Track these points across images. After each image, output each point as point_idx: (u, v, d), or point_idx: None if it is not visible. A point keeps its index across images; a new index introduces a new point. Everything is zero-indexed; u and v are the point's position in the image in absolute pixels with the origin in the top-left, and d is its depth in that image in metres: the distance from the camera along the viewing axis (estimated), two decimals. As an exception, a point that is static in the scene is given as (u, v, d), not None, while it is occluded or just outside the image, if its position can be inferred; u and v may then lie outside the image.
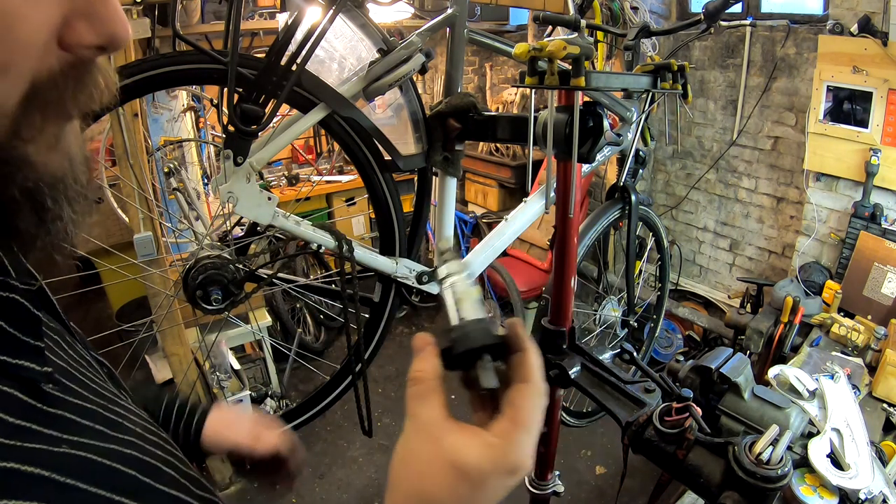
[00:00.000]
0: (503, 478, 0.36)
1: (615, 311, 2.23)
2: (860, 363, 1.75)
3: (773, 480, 0.67)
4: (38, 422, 0.31)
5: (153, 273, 1.78)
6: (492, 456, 0.36)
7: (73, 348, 0.42)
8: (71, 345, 0.42)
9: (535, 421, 0.38)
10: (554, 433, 1.16)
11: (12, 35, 0.27)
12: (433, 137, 1.26)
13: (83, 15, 0.29)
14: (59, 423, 0.32)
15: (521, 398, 0.38)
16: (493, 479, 0.36)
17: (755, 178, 2.72)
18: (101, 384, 0.41)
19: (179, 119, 2.60)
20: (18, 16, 0.27)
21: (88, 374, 0.40)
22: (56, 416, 0.32)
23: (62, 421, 0.33)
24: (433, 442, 0.37)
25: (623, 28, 2.51)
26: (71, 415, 0.34)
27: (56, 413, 0.33)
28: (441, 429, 0.38)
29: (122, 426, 0.38)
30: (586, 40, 0.82)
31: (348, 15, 1.11)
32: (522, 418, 0.37)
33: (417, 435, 0.38)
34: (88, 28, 0.30)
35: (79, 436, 0.33)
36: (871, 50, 2.00)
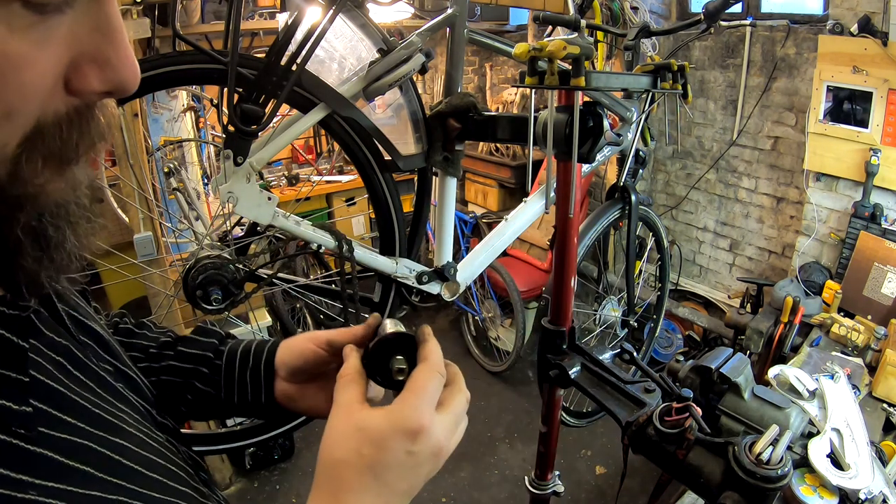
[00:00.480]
0: (404, 439, 0.41)
1: (615, 311, 2.23)
2: (860, 363, 1.75)
3: (773, 480, 0.67)
4: (8, 465, 0.28)
5: (153, 273, 1.78)
6: (391, 418, 0.41)
7: (82, 364, 0.39)
8: (81, 361, 0.39)
9: (428, 389, 0.44)
10: (554, 433, 1.16)
11: (18, 79, 0.25)
12: (433, 137, 1.26)
13: (92, 59, 0.28)
14: (37, 465, 0.29)
15: (419, 373, 0.45)
16: (394, 441, 0.41)
17: (755, 178, 2.72)
18: (107, 407, 0.38)
19: (179, 119, 2.60)
20: (26, 59, 0.25)
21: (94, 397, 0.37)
22: (35, 456, 0.29)
23: (41, 462, 0.30)
24: (346, 417, 0.43)
25: (623, 28, 2.51)
26: (55, 454, 0.31)
27: (37, 452, 0.29)
28: (354, 407, 0.43)
29: (116, 464, 0.35)
30: (586, 40, 0.82)
31: (348, 15, 1.11)
32: (417, 387, 0.44)
33: (336, 414, 0.44)
34: (97, 73, 0.28)
35: (55, 481, 0.30)
36: (871, 50, 2.00)
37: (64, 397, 0.34)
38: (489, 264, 1.51)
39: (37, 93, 0.27)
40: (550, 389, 1.10)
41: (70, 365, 0.37)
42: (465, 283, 1.43)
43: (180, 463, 0.42)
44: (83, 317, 0.44)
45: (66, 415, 0.33)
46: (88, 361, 0.40)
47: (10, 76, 0.25)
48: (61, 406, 0.33)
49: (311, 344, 0.56)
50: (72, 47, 0.27)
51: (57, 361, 0.36)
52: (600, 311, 2.27)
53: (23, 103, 0.26)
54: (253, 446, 1.73)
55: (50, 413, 0.32)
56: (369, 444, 0.40)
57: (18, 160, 0.27)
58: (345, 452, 0.41)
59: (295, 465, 2.58)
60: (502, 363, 3.11)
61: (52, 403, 0.33)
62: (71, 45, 0.27)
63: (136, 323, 0.63)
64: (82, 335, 0.42)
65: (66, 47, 0.27)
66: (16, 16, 0.24)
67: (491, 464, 2.59)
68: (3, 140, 0.26)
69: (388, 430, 0.41)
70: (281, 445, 2.56)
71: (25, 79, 0.26)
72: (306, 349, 0.56)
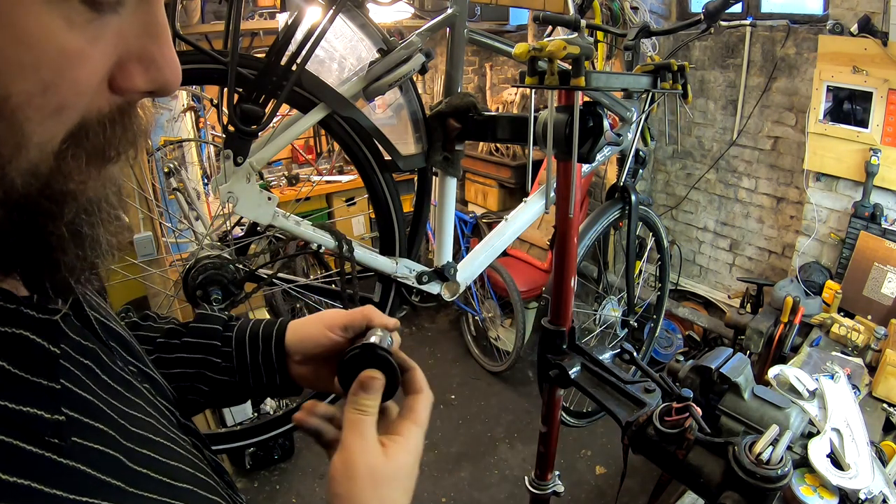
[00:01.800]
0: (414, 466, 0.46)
1: (615, 311, 2.23)
2: (860, 363, 1.75)
3: (773, 480, 0.67)
4: (40, 479, 0.27)
5: (153, 273, 1.78)
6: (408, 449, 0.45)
7: (110, 369, 0.38)
8: (108, 365, 0.38)
9: (425, 421, 0.48)
10: (554, 433, 1.16)
11: (73, 74, 0.26)
12: (433, 137, 1.26)
13: (137, 59, 0.29)
14: (69, 480, 0.29)
15: (418, 403, 0.48)
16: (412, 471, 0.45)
17: (755, 178, 2.72)
18: (135, 414, 0.37)
19: (179, 119, 2.60)
20: (82, 55, 0.26)
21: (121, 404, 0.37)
22: (68, 469, 0.29)
23: (74, 476, 0.29)
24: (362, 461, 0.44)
25: (623, 28, 2.51)
26: (87, 468, 0.30)
27: (69, 466, 0.29)
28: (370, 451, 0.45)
29: (146, 478, 0.34)
30: (586, 40, 0.82)
31: (348, 15, 1.11)
32: (421, 419, 0.48)
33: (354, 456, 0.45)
34: (142, 73, 0.29)
35: (89, 496, 0.29)
36: (871, 50, 2.00)
37: (94, 406, 0.34)
38: (489, 264, 1.51)
39: (88, 89, 0.27)
40: (550, 389, 1.10)
41: (99, 370, 0.36)
42: (465, 283, 1.43)
43: (207, 469, 0.42)
44: (105, 318, 0.43)
45: (98, 422, 0.33)
46: (115, 366, 0.39)
47: (67, 71, 0.26)
48: (93, 414, 0.33)
49: (327, 331, 0.55)
50: (119, 46, 0.28)
51: (86, 366, 0.35)
52: (600, 311, 2.27)
53: (75, 99, 0.27)
54: (253, 446, 1.73)
55: (81, 421, 0.32)
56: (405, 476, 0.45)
57: (64, 156, 0.28)
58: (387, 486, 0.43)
59: (295, 465, 2.58)
60: (502, 363, 3.11)
61: (84, 412, 0.32)
62: (118, 44, 0.28)
63: (140, 315, 0.63)
64: (107, 338, 0.41)
65: (114, 46, 0.28)
66: (75, 11, 0.25)
67: (491, 464, 2.59)
68: (50, 134, 0.27)
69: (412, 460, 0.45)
70: (281, 445, 2.56)
71: (79, 75, 0.26)
72: (322, 336, 0.56)
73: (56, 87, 0.26)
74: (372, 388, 0.46)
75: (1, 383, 0.28)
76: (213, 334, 0.60)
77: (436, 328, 3.69)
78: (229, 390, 0.59)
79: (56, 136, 0.27)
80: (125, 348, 0.44)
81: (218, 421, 2.52)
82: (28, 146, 0.26)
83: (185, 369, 0.58)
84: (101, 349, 0.38)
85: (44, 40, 0.25)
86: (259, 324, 0.60)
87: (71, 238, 0.30)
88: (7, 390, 0.28)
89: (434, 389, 0.50)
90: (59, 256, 0.30)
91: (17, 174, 0.26)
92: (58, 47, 0.25)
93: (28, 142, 0.26)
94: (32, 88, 0.25)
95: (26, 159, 0.26)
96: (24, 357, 0.30)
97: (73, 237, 0.30)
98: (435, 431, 2.76)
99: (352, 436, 0.44)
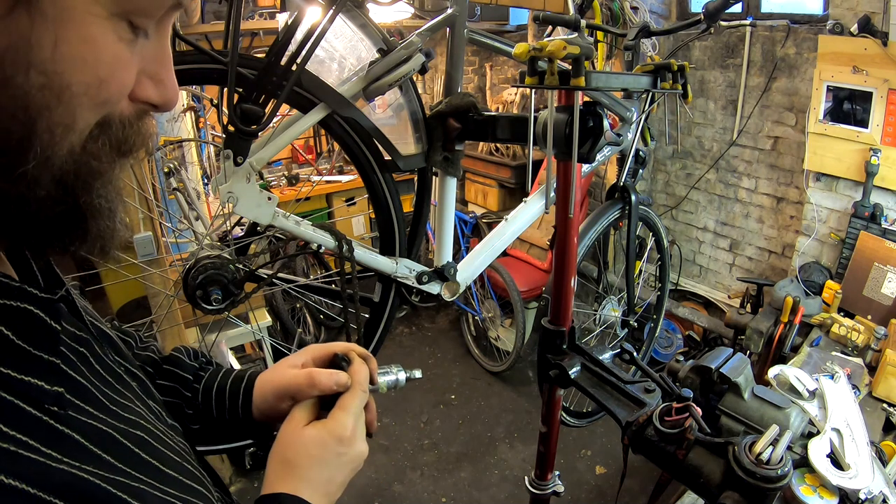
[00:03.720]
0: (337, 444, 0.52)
1: (615, 311, 2.23)
2: (860, 363, 1.75)
3: (773, 480, 0.67)
4: (38, 438, 0.30)
5: (153, 273, 1.78)
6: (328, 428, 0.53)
7: (102, 360, 0.41)
8: (100, 356, 0.41)
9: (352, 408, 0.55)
10: (554, 433, 1.16)
11: (119, 76, 0.33)
12: (433, 137, 1.26)
13: (151, 76, 0.36)
14: (64, 445, 0.31)
15: (347, 395, 0.56)
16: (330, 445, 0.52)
17: (755, 178, 2.72)
18: (126, 403, 0.40)
19: (179, 119, 2.60)
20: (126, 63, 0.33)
21: (113, 392, 0.39)
22: (63, 435, 0.32)
23: (68, 442, 0.32)
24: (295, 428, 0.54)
25: (623, 28, 2.51)
26: (80, 437, 0.33)
27: (63, 432, 0.32)
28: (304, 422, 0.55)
29: (137, 457, 0.37)
30: (586, 40, 0.82)
31: (348, 15, 1.11)
32: (345, 405, 0.55)
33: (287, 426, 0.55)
34: (153, 87, 0.36)
35: (82, 462, 0.32)
36: (871, 50, 2.00)
37: (86, 389, 0.37)
38: (489, 264, 1.51)
39: (123, 91, 0.34)
40: (550, 389, 1.10)
41: (92, 358, 0.40)
42: (465, 283, 1.43)
43: (194, 463, 0.44)
44: (94, 319, 0.46)
45: (90, 406, 0.36)
46: (106, 357, 0.42)
47: (116, 72, 0.32)
48: (85, 397, 0.36)
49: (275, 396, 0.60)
50: (140, 64, 0.34)
51: (80, 352, 0.38)
52: (600, 311, 2.27)
53: (116, 96, 0.33)
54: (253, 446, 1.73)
55: (75, 402, 0.34)
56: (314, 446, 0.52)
57: (95, 139, 0.33)
58: (294, 453, 0.51)
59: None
60: (502, 363, 3.11)
61: (77, 392, 0.35)
62: (140, 62, 0.34)
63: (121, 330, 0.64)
64: (98, 334, 0.44)
65: (137, 63, 0.34)
66: (123, 29, 0.32)
67: (491, 464, 2.59)
68: (88, 122, 0.32)
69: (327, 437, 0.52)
70: (281, 445, 2.56)
71: (123, 78, 0.33)
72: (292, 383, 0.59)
73: (107, 84, 0.32)
74: None
75: (4, 353, 0.31)
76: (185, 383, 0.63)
77: (436, 328, 3.69)
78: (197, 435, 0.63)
79: (90, 124, 0.33)
80: (113, 347, 0.46)
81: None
82: (75, 129, 0.31)
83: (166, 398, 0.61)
84: (94, 340, 0.41)
85: (102, 44, 0.31)
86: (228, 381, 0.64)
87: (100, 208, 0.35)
88: (10, 360, 0.31)
89: (434, 389, 0.51)
90: (90, 226, 0.35)
91: (63, 152, 0.31)
92: (112, 53, 0.31)
93: (76, 125, 0.31)
94: (90, 81, 0.31)
95: (70, 140, 0.31)
96: (28, 330, 0.33)
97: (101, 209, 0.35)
98: (435, 431, 2.76)
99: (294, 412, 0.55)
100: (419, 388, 3.06)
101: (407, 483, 2.49)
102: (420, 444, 2.68)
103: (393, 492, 2.44)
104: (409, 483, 2.49)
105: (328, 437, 0.52)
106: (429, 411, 2.89)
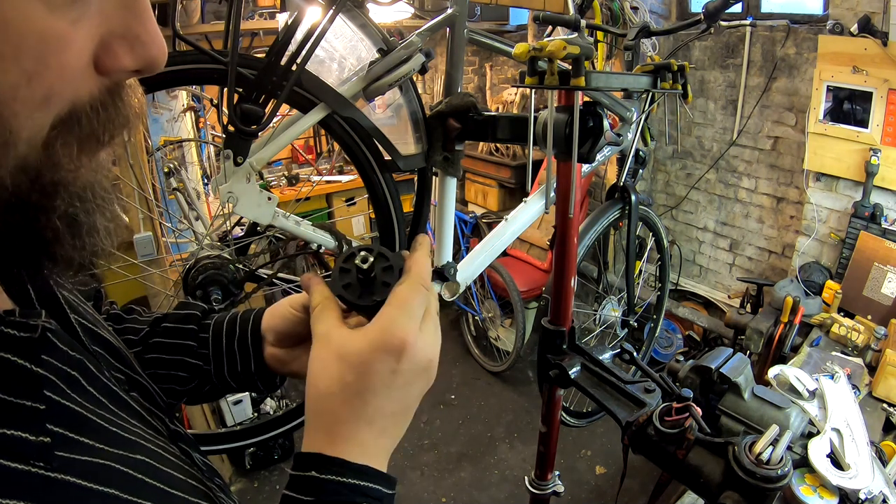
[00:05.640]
0: (387, 358, 0.39)
1: (615, 311, 2.23)
2: (860, 363, 1.75)
3: (773, 480, 0.67)
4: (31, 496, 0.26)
5: (153, 273, 1.78)
6: (370, 338, 0.39)
7: (95, 379, 0.36)
8: (94, 375, 0.36)
9: (411, 303, 0.40)
10: (554, 433, 1.16)
11: (59, 60, 0.25)
12: (433, 137, 1.26)
13: (121, 37, 0.28)
14: (60, 493, 0.28)
15: (401, 287, 0.42)
16: (376, 362, 0.38)
17: (755, 178, 2.72)
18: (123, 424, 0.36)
19: (179, 119, 2.60)
20: (65, 38, 0.25)
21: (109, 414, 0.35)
22: (58, 482, 0.28)
23: (66, 488, 0.28)
24: (325, 345, 0.41)
25: (623, 28, 2.51)
26: (79, 479, 0.29)
27: (59, 479, 0.28)
28: (332, 334, 0.41)
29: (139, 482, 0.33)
30: (586, 40, 0.82)
31: (348, 15, 1.11)
32: (398, 301, 0.40)
33: (315, 346, 0.41)
34: (127, 50, 0.28)
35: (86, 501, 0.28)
36: (871, 50, 2.00)
37: (80, 417, 0.33)
38: (489, 264, 1.51)
39: (75, 74, 0.26)
40: (550, 389, 1.10)
41: (84, 380, 0.35)
42: (465, 283, 1.43)
43: (198, 476, 0.41)
44: (92, 324, 0.42)
45: (84, 436, 0.32)
46: (101, 375, 0.38)
47: (51, 57, 0.24)
48: (79, 427, 0.32)
49: (291, 308, 0.54)
50: (101, 26, 0.27)
51: (71, 377, 0.34)
52: (600, 311, 2.27)
53: (62, 85, 0.26)
54: (253, 446, 1.73)
55: (67, 436, 0.30)
56: (351, 370, 0.39)
57: (53, 144, 0.27)
58: (328, 383, 0.39)
59: (295, 465, 2.58)
60: (502, 363, 3.11)
61: (69, 425, 0.31)
62: (101, 23, 0.27)
63: (124, 308, 0.62)
64: (94, 345, 0.40)
65: (97, 26, 0.26)
66: None
67: (491, 464, 2.59)
68: (39, 124, 0.26)
69: (368, 351, 0.39)
70: (281, 445, 2.56)
71: (65, 60, 0.25)
72: (288, 313, 0.54)
73: (41, 75, 0.24)
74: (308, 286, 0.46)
75: None
76: (192, 319, 0.58)
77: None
78: (204, 379, 0.58)
79: (44, 126, 0.26)
80: (113, 354, 0.43)
81: (218, 421, 2.52)
82: (17, 142, 0.25)
83: (164, 355, 0.56)
84: (88, 358, 0.37)
85: (23, 27, 0.23)
86: (238, 312, 0.59)
87: (67, 229, 0.29)
88: None
89: (434, 389, 0.48)
90: (56, 250, 0.29)
91: (7, 173, 0.25)
92: (39, 33, 0.24)
93: (17, 138, 0.25)
94: (16, 80, 0.24)
95: (14, 156, 0.25)
96: (7, 379, 0.28)
97: (70, 227, 0.29)
98: (435, 431, 2.76)
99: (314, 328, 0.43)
100: (419, 388, 3.06)
101: (407, 483, 2.49)
102: (420, 444, 2.68)
103: (393, 492, 2.44)
104: (409, 483, 2.49)
105: (373, 350, 0.39)
106: (429, 411, 2.89)
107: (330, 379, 0.39)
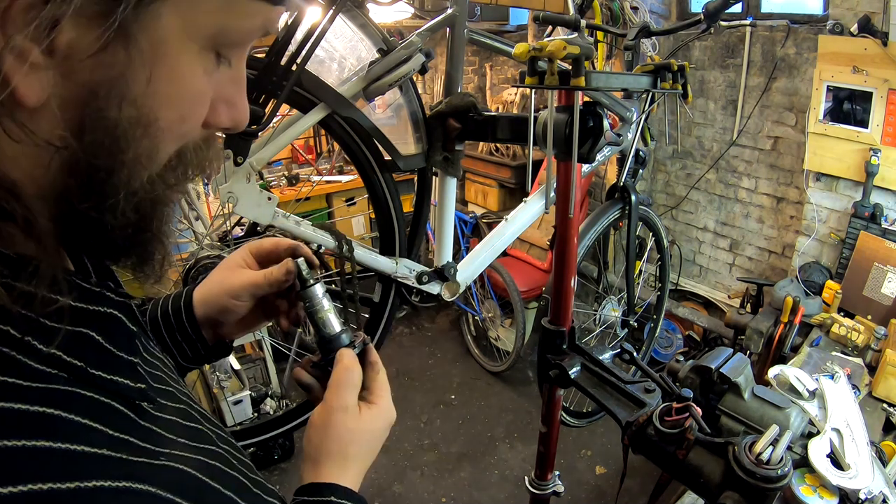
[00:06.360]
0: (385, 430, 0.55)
1: (615, 311, 2.23)
2: (860, 363, 1.75)
3: (773, 480, 0.67)
4: (135, 435, 0.32)
5: (153, 273, 1.78)
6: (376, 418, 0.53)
7: (147, 348, 0.42)
8: (146, 345, 0.43)
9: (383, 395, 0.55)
10: (554, 433, 1.16)
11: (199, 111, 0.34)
12: (433, 137, 1.26)
13: (225, 102, 0.36)
14: (152, 438, 0.33)
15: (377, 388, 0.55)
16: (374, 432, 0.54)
17: (755, 178, 2.72)
18: (175, 388, 0.42)
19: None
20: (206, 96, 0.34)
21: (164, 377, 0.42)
22: (148, 430, 0.34)
23: (153, 435, 0.34)
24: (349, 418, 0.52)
25: (623, 28, 2.51)
26: (160, 429, 0.35)
27: (147, 427, 0.34)
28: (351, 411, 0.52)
29: (202, 434, 0.40)
30: (586, 40, 0.82)
31: (348, 15, 1.11)
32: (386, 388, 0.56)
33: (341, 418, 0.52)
34: (226, 113, 0.37)
35: (171, 448, 0.34)
36: (871, 50, 2.00)
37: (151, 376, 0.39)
38: (489, 264, 1.51)
39: (200, 122, 0.35)
40: (550, 389, 1.10)
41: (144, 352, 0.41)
42: (465, 283, 1.43)
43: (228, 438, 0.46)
44: None
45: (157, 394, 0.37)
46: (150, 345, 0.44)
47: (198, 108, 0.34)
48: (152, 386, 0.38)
49: (230, 298, 0.58)
50: (215, 91, 0.35)
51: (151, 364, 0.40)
52: (600, 311, 2.27)
53: (193, 129, 0.35)
54: (253, 446, 1.73)
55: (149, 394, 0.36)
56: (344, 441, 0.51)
57: (171, 167, 0.35)
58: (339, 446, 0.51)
59: (295, 465, 2.58)
60: (502, 363, 3.11)
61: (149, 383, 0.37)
62: (216, 89, 0.35)
63: None
64: None
65: (213, 91, 0.35)
66: (209, 62, 0.33)
67: (491, 464, 2.59)
68: (168, 151, 0.34)
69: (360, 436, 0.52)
70: (281, 445, 2.56)
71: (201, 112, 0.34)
72: (227, 304, 0.58)
73: (188, 119, 0.33)
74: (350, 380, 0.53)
75: (94, 355, 0.33)
76: None
77: (436, 328, 3.69)
78: None
79: (171, 153, 0.35)
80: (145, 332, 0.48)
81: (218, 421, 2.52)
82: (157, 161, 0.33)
83: None
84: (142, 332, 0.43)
85: (189, 81, 0.32)
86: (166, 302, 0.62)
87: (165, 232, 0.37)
88: (98, 361, 0.33)
89: (434, 389, 0.51)
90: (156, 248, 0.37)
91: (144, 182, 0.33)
92: (196, 88, 0.32)
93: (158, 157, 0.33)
94: (174, 117, 0.32)
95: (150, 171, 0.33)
96: (113, 334, 0.35)
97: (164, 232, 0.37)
98: (435, 431, 2.76)
99: (334, 396, 0.51)
100: (419, 388, 3.06)
101: (407, 483, 2.49)
102: (420, 445, 2.68)
103: (393, 492, 2.44)
104: (409, 483, 2.49)
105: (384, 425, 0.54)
106: (429, 411, 2.89)
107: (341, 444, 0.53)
